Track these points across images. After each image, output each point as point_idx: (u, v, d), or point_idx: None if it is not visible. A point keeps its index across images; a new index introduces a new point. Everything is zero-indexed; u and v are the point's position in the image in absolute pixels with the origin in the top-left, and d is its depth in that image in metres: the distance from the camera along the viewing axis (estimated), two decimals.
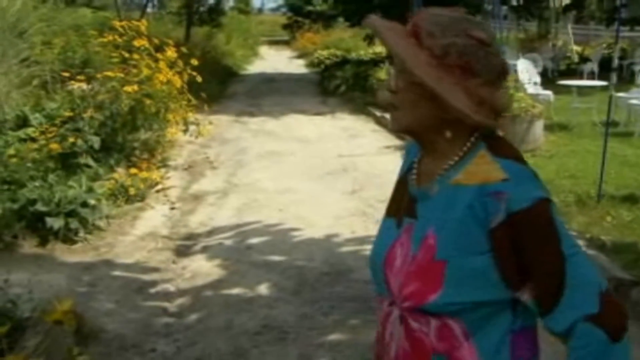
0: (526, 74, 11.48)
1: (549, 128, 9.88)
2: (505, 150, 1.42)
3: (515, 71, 11.33)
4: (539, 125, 9.00)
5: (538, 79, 11.88)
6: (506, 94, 1.44)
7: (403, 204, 1.53)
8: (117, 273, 5.08)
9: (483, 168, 1.39)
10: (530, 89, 10.87)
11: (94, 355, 3.80)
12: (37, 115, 7.16)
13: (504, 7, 19.12)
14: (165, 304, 4.57)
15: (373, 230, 5.60)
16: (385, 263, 1.49)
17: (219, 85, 15.91)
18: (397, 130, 1.46)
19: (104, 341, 3.99)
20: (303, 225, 6.09)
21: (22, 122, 7.07)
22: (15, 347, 3.27)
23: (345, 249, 5.52)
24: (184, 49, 8.40)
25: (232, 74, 20.01)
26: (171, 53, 7.84)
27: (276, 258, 5.42)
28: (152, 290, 4.80)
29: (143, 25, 7.91)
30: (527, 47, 18.33)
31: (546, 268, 1.34)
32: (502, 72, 1.42)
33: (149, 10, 24.08)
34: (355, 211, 6.51)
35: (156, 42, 7.85)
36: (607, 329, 1.32)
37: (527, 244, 1.33)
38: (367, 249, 5.22)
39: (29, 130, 6.73)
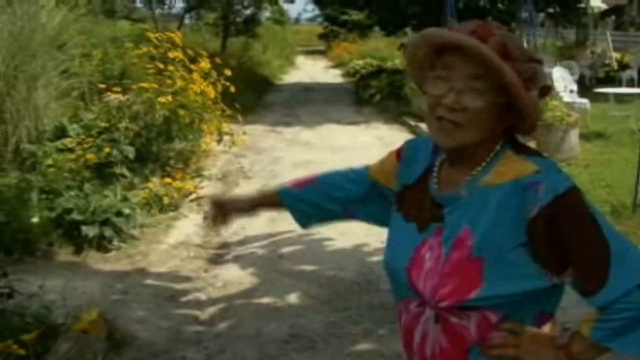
0: (562, 82, 11.35)
1: (585, 137, 9.75)
2: (528, 150, 1.51)
3: (551, 79, 11.22)
4: (574, 134, 8.89)
5: (574, 87, 11.74)
6: None
7: (424, 209, 1.56)
8: (149, 281, 5.15)
9: (513, 166, 1.46)
10: (566, 97, 10.76)
11: None
12: (74, 126, 7.31)
13: (541, 15, 18.95)
14: (196, 312, 4.62)
15: None
16: (411, 267, 1.52)
17: (255, 95, 16.04)
18: (455, 147, 1.48)
19: (135, 348, 4.05)
20: (335, 235, 6.09)
21: (61, 132, 7.23)
22: (47, 352, 3.35)
23: (375, 258, 5.52)
24: (218, 60, 8.50)
25: (268, 84, 20.16)
26: (205, 64, 7.95)
27: (307, 267, 5.45)
28: (184, 299, 4.87)
29: (177, 37, 8.04)
30: (565, 55, 18.13)
31: (590, 249, 1.38)
32: None
33: (186, 21, 24.49)
34: None
35: (190, 54, 7.96)
36: None
37: (568, 229, 1.39)
38: None
39: (67, 141, 6.88)
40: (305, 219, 1.86)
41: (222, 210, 1.90)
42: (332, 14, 33.53)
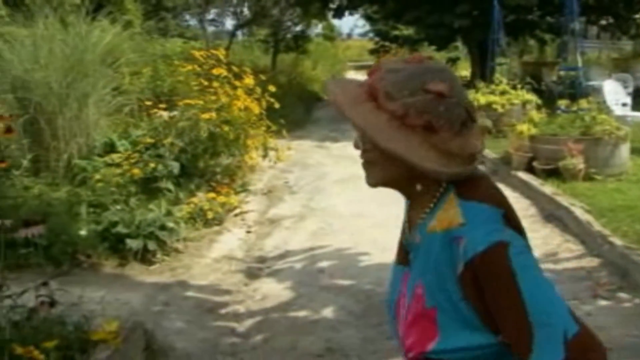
0: (614, 95, 11.13)
1: (637, 151, 9.52)
2: (472, 192, 1.40)
3: (602, 92, 11.03)
4: (624, 149, 8.68)
5: (627, 100, 11.49)
6: (478, 135, 1.43)
7: (402, 252, 1.54)
8: (190, 294, 5.25)
9: (449, 213, 1.39)
10: (618, 111, 10.53)
11: None
12: (123, 141, 7.52)
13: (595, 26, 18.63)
14: (234, 325, 4.70)
15: None
16: (395, 314, 1.51)
17: (304, 110, 16.17)
18: (372, 185, 1.46)
19: (172, 358, 4.14)
20: (374, 250, 6.11)
21: (110, 148, 7.44)
22: None
23: None
24: (262, 76, 8.63)
25: (317, 100, 20.28)
26: (249, 80, 8.09)
27: (345, 282, 5.47)
28: (223, 311, 4.95)
29: (221, 54, 8.21)
30: (620, 67, 17.77)
31: (512, 315, 1.31)
32: (468, 119, 1.40)
33: (239, 37, 24.89)
34: None
35: (236, 70, 8.10)
36: None
37: (486, 289, 1.32)
38: None
39: (115, 156, 7.07)
40: None
41: None
42: (383, 29, 33.63)
